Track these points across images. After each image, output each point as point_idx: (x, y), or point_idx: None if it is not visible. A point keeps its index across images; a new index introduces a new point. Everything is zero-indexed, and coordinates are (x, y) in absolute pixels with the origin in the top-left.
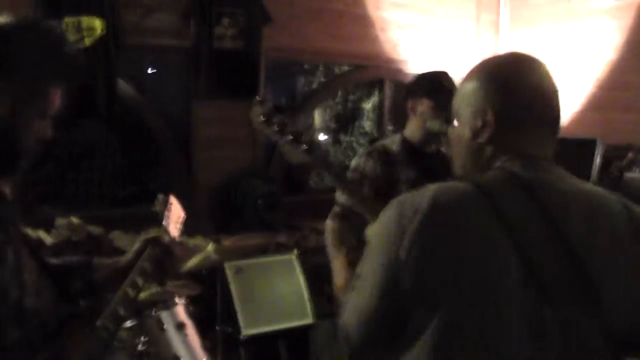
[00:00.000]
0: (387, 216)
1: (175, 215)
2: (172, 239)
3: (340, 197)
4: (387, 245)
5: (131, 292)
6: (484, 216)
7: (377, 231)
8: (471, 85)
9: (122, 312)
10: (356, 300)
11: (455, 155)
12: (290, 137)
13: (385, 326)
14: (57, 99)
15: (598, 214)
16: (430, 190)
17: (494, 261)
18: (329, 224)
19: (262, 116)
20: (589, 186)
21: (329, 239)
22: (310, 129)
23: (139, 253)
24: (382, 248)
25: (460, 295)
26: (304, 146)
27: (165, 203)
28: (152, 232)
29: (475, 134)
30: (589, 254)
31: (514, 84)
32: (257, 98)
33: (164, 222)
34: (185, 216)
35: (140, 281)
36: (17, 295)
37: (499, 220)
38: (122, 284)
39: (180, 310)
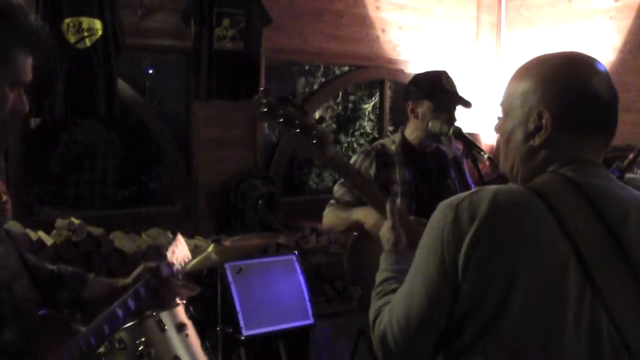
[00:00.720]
0: (441, 220)
1: (181, 254)
2: (173, 273)
3: (338, 191)
4: (442, 250)
5: (120, 312)
6: (542, 221)
7: (430, 235)
8: (525, 85)
9: (106, 330)
10: (401, 308)
11: (503, 154)
12: (298, 130)
13: (434, 333)
14: (27, 67)
15: None
16: (488, 193)
17: (553, 266)
18: (325, 212)
19: (265, 107)
20: (637, 192)
21: (330, 218)
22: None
23: (138, 279)
24: (437, 253)
25: (523, 300)
26: (314, 141)
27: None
28: (153, 262)
29: (529, 136)
30: None
31: (575, 87)
32: (261, 89)
33: (168, 255)
34: (191, 259)
35: (132, 304)
36: None
37: (558, 225)
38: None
39: (181, 310)
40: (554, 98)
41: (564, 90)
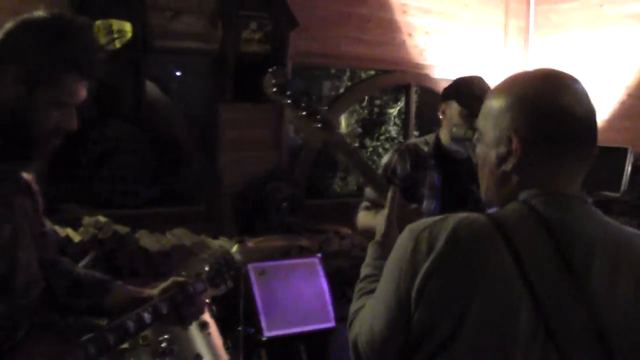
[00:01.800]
0: (402, 247)
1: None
2: (200, 291)
3: (370, 193)
4: (399, 279)
5: (131, 326)
6: (498, 258)
7: (392, 257)
8: (497, 105)
9: (111, 340)
10: (368, 322)
11: (480, 177)
12: (304, 112)
13: (396, 351)
14: (77, 90)
15: (624, 264)
16: (449, 225)
17: (506, 304)
18: (360, 215)
19: (274, 87)
20: (618, 229)
21: (363, 221)
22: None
23: (165, 291)
24: (395, 281)
25: (470, 336)
26: (319, 124)
27: None
28: (182, 277)
29: (500, 160)
30: (606, 309)
31: (543, 107)
32: (271, 69)
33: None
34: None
35: (147, 318)
36: (6, 272)
37: (514, 262)
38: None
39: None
40: (523, 120)
41: (533, 112)
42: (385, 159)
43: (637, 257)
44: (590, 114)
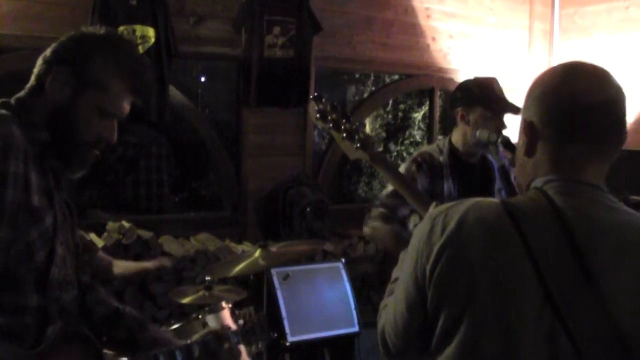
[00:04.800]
0: (421, 230)
1: None
2: (234, 342)
3: (387, 199)
4: (417, 259)
5: (162, 358)
6: (506, 240)
7: (411, 243)
8: (525, 98)
9: None
10: (392, 309)
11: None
12: (344, 134)
13: (417, 336)
14: (121, 101)
15: (632, 249)
16: (462, 208)
17: (514, 285)
18: (376, 225)
19: (317, 113)
20: (630, 217)
21: (382, 236)
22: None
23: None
24: (413, 262)
25: (479, 315)
26: (357, 144)
27: None
28: (218, 327)
29: (521, 148)
30: (612, 291)
31: (551, 97)
32: (313, 96)
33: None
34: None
35: (179, 355)
36: (43, 261)
37: (523, 245)
38: None
39: (226, 314)
40: (535, 109)
41: (542, 101)
42: (402, 169)
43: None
44: (608, 101)
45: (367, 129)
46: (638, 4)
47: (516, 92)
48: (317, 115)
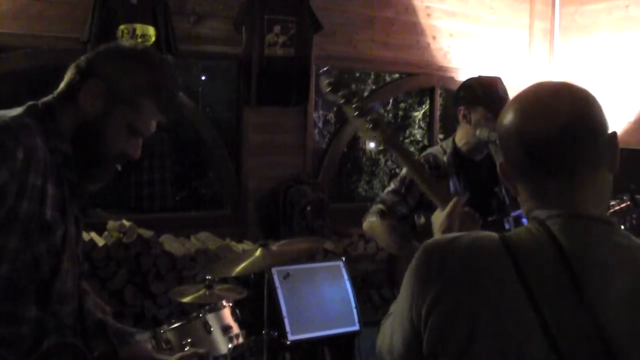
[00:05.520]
0: (416, 267)
1: None
2: None
3: (388, 196)
4: (411, 299)
5: None
6: (508, 286)
7: (407, 275)
8: None
9: None
10: (390, 333)
11: None
12: (356, 112)
13: None
14: (150, 120)
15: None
16: (459, 246)
17: (515, 335)
18: (374, 221)
19: (329, 86)
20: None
21: (376, 233)
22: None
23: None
24: (408, 302)
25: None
26: (370, 124)
27: None
28: (202, 350)
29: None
30: (622, 341)
31: (506, 136)
32: (323, 69)
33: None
34: None
35: None
36: (47, 275)
37: (525, 291)
38: None
39: (227, 313)
40: (502, 151)
41: (504, 143)
42: (404, 171)
43: None
44: (566, 127)
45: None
46: (638, 3)
47: (517, 90)
48: (329, 89)
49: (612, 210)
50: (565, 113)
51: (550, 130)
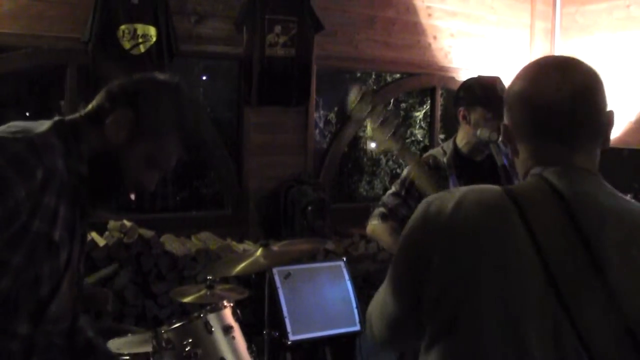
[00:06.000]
0: (415, 217)
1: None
2: None
3: (390, 199)
4: (412, 247)
5: None
6: (511, 228)
7: (405, 231)
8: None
9: None
10: (382, 296)
11: None
12: (381, 119)
13: (404, 325)
14: (171, 155)
15: (628, 230)
16: (458, 192)
17: (515, 269)
18: (376, 224)
19: (360, 95)
20: (629, 201)
21: (378, 235)
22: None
23: None
24: (408, 250)
25: (481, 301)
26: (389, 135)
27: None
28: None
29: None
30: (620, 277)
31: (515, 98)
32: (361, 88)
33: None
34: None
35: None
36: (46, 296)
37: (525, 229)
38: None
39: (228, 313)
40: (508, 112)
41: (512, 104)
42: (405, 171)
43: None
44: (571, 97)
45: (368, 127)
46: (639, 3)
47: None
48: (359, 99)
49: None
50: (573, 84)
51: (558, 97)
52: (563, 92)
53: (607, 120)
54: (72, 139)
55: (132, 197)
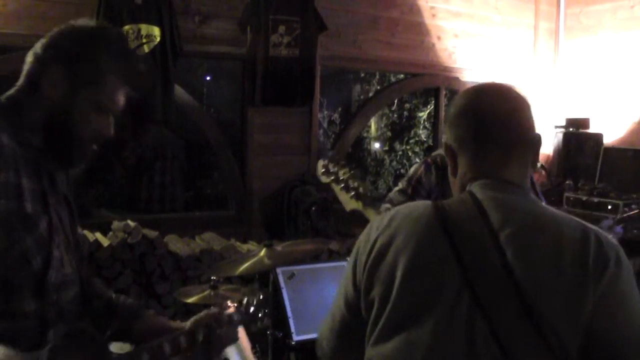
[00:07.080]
0: (363, 234)
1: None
2: (236, 322)
3: (397, 197)
4: (355, 256)
5: (168, 348)
6: (430, 226)
7: (354, 247)
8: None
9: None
10: (331, 311)
11: None
12: (342, 185)
13: (351, 333)
14: (117, 95)
15: (539, 233)
16: (395, 209)
17: (432, 267)
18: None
19: (323, 168)
20: (551, 211)
21: None
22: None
23: (197, 322)
24: (352, 260)
25: (400, 297)
26: (352, 195)
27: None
28: (215, 309)
29: (449, 170)
30: (525, 276)
31: (458, 115)
32: (329, 154)
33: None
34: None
35: (184, 341)
36: (40, 267)
37: (443, 230)
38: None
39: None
40: (450, 129)
41: (455, 121)
42: (412, 169)
43: (561, 233)
44: (509, 112)
45: (373, 128)
46: None
47: (521, 91)
48: (322, 170)
49: (623, 216)
50: (508, 102)
51: (496, 110)
52: (499, 107)
53: (535, 141)
54: (15, 114)
55: (95, 147)
